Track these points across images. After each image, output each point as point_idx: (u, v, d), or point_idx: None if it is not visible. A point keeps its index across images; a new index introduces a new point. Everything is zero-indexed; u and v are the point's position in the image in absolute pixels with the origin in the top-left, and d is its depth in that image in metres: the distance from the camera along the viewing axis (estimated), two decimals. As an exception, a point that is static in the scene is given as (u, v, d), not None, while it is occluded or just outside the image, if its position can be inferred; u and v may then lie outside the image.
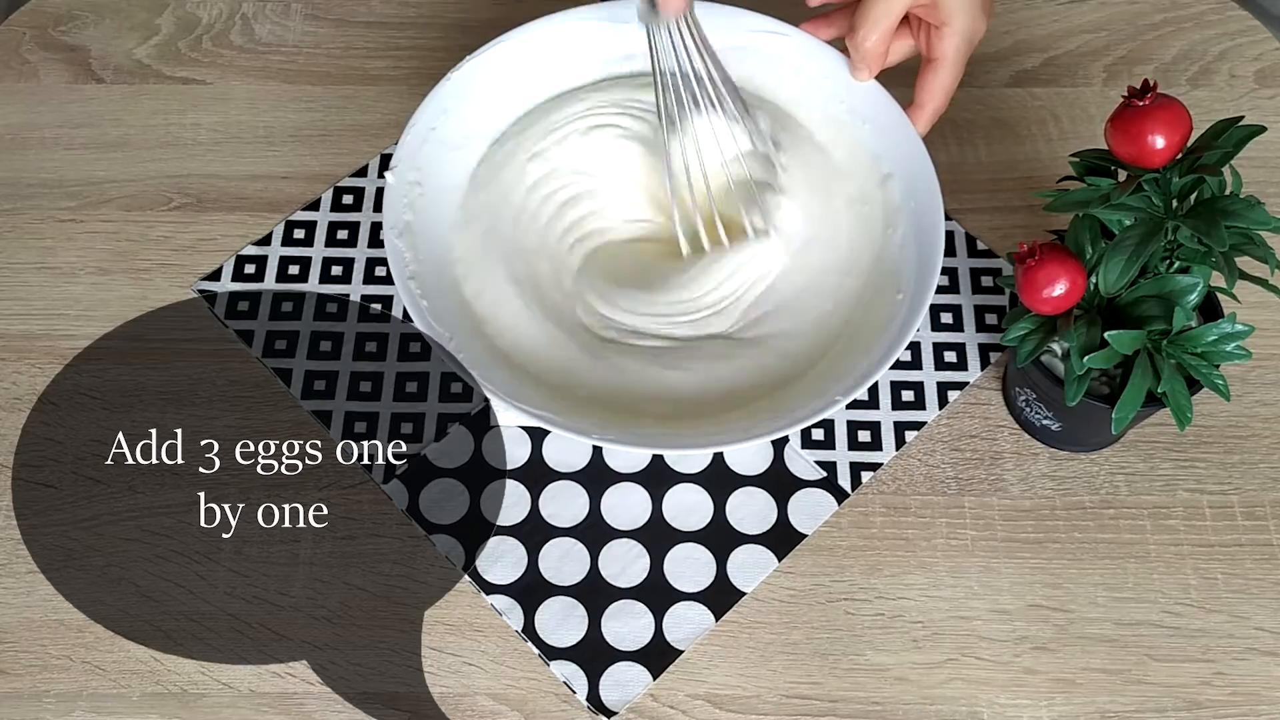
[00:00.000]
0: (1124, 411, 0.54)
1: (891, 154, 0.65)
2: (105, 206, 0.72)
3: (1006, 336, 0.57)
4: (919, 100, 0.63)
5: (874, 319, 0.61)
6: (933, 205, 0.61)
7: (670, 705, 0.57)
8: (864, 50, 0.63)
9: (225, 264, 0.70)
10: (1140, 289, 0.55)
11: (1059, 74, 0.78)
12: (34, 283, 0.70)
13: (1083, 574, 0.60)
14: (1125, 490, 0.63)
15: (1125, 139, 0.53)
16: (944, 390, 0.66)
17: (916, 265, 0.61)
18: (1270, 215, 0.52)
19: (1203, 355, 0.55)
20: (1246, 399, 0.65)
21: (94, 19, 0.81)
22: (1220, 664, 0.58)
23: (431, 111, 0.64)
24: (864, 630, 0.59)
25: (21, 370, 0.66)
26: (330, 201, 0.72)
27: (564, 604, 0.60)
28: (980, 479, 0.63)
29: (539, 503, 0.62)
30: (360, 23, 0.81)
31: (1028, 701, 0.57)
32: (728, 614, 0.59)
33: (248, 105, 0.77)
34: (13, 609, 0.59)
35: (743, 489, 0.63)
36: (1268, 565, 0.60)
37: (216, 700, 0.57)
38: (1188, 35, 0.79)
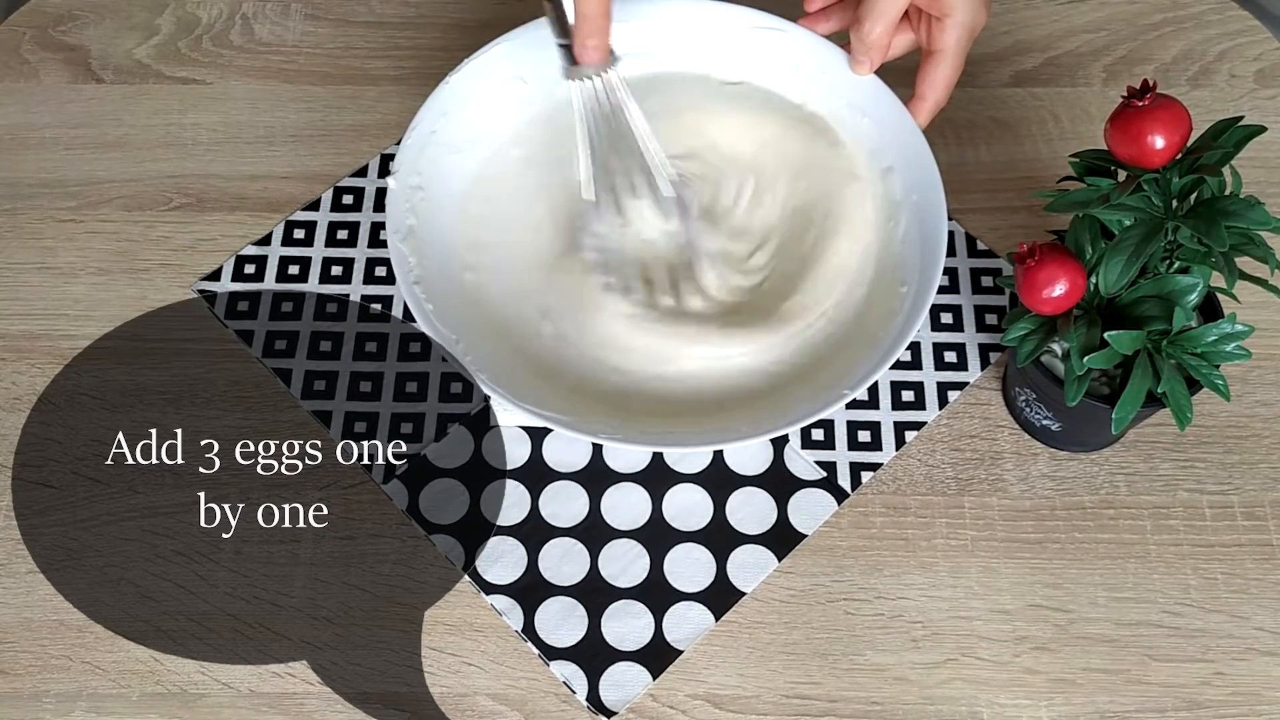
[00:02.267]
0: (1124, 411, 0.54)
1: (892, 147, 0.65)
2: (105, 206, 0.72)
3: (1006, 336, 0.57)
4: (920, 92, 0.63)
5: (878, 312, 0.61)
6: (935, 197, 0.61)
7: (670, 705, 0.57)
8: (869, 42, 0.63)
9: (225, 264, 0.70)
10: (1140, 289, 0.55)
11: (1059, 74, 0.78)
12: (34, 283, 0.70)
13: (1083, 574, 0.60)
14: (1125, 490, 0.63)
15: (1125, 139, 0.53)
16: (944, 390, 0.66)
17: (920, 257, 0.61)
18: (1270, 215, 0.52)
19: (1203, 355, 0.55)
20: (1246, 399, 0.65)
21: (94, 19, 0.81)
22: (1220, 664, 0.58)
23: (431, 115, 0.64)
24: (864, 630, 0.59)
25: (21, 370, 0.66)
26: (330, 201, 0.72)
27: (564, 604, 0.60)
28: (980, 479, 0.63)
29: (539, 503, 0.62)
30: (360, 23, 0.81)
31: (1028, 701, 0.57)
32: (728, 614, 0.59)
33: (248, 105, 0.77)
34: (13, 609, 0.59)
35: (743, 489, 0.63)
36: (1268, 565, 0.60)
37: (216, 700, 0.57)
38: (1188, 35, 0.79)
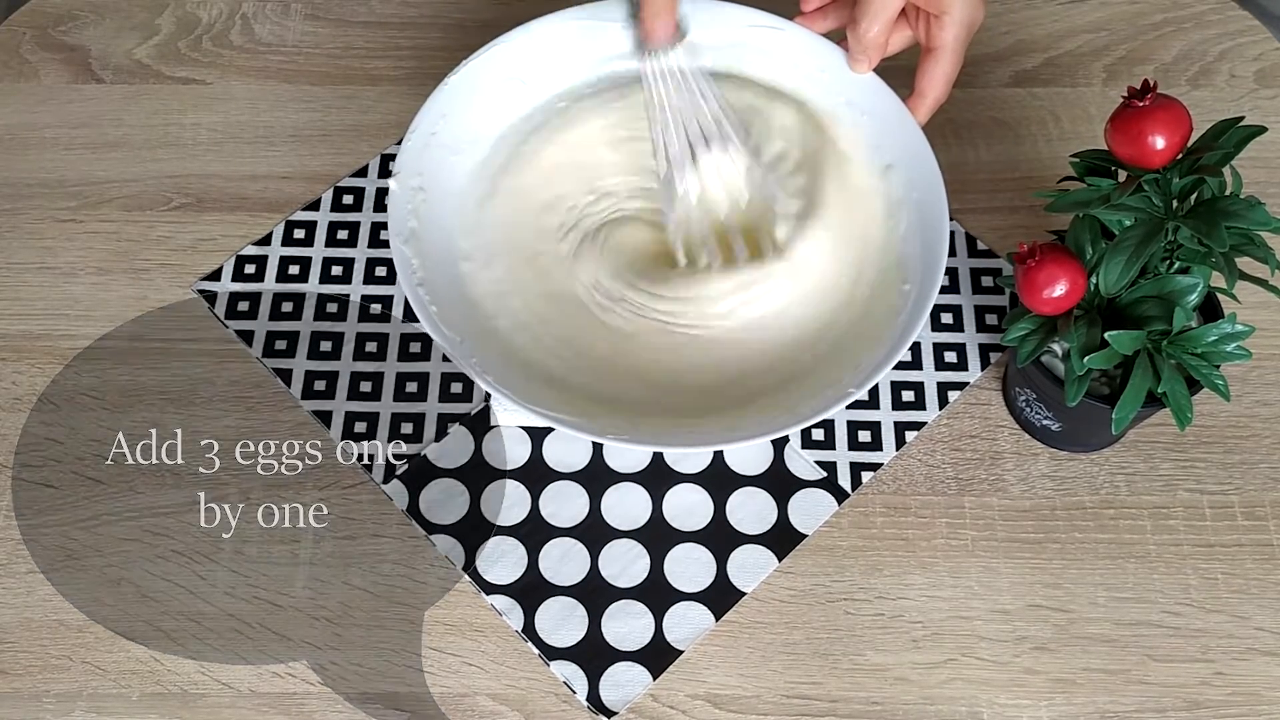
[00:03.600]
0: (1124, 411, 0.54)
1: (892, 145, 0.65)
2: (105, 206, 0.72)
3: (1006, 337, 0.57)
4: (919, 89, 0.63)
5: (881, 311, 0.61)
6: (935, 194, 0.61)
7: (670, 705, 0.57)
8: (865, 42, 0.63)
9: (225, 264, 0.70)
10: (1140, 289, 0.55)
11: (1059, 74, 0.78)
12: (34, 283, 0.70)
13: (1083, 574, 0.60)
14: (1125, 490, 0.63)
15: (1125, 139, 0.53)
16: (944, 390, 0.66)
17: (922, 255, 0.61)
18: (1270, 215, 0.52)
19: (1203, 355, 0.55)
20: (1246, 399, 0.65)
21: (94, 19, 0.81)
22: (1220, 664, 0.58)
23: (431, 116, 0.64)
24: (864, 630, 0.59)
25: (21, 370, 0.66)
26: (330, 201, 0.72)
27: (564, 604, 0.60)
28: (980, 479, 0.63)
29: (539, 503, 0.62)
30: (360, 23, 0.81)
31: (1028, 701, 0.57)
32: (728, 614, 0.59)
33: (248, 105, 0.77)
34: (13, 609, 0.59)
35: (743, 489, 0.63)
36: (1268, 565, 0.60)
37: (216, 700, 0.57)
38: (1188, 35, 0.79)
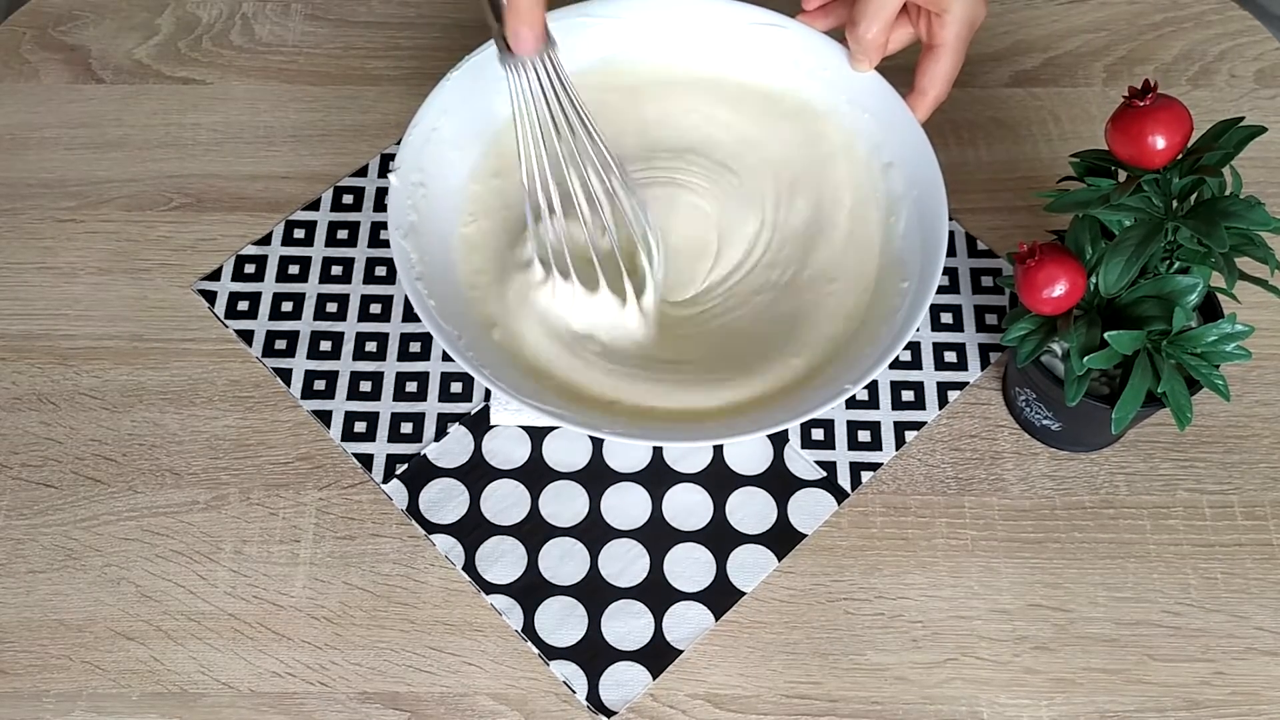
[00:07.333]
0: (1124, 411, 0.54)
1: (892, 143, 0.65)
2: (105, 206, 0.72)
3: (1006, 336, 0.57)
4: (920, 87, 0.63)
5: (880, 308, 0.61)
6: (935, 192, 0.61)
7: (670, 705, 0.57)
8: (864, 43, 0.63)
9: (225, 264, 0.70)
10: (1140, 289, 0.55)
11: (1059, 74, 0.78)
12: (34, 283, 0.70)
13: (1083, 574, 0.60)
14: (1125, 490, 0.63)
15: (1125, 139, 0.53)
16: (944, 390, 0.66)
17: (921, 252, 0.61)
18: (1270, 216, 0.52)
19: (1203, 355, 0.55)
20: (1246, 399, 0.65)
21: (94, 19, 0.81)
22: (1220, 664, 0.58)
23: (433, 112, 0.64)
24: (864, 630, 0.59)
25: (21, 370, 0.66)
26: (330, 201, 0.72)
27: (564, 604, 0.60)
28: (980, 479, 0.63)
29: (539, 502, 0.62)
30: (360, 23, 0.81)
31: (1028, 701, 0.57)
32: (728, 614, 0.59)
33: (248, 105, 0.77)
34: (13, 609, 0.59)
35: (743, 489, 0.63)
36: (1268, 565, 0.60)
37: (216, 700, 0.57)
38: (1188, 35, 0.79)
